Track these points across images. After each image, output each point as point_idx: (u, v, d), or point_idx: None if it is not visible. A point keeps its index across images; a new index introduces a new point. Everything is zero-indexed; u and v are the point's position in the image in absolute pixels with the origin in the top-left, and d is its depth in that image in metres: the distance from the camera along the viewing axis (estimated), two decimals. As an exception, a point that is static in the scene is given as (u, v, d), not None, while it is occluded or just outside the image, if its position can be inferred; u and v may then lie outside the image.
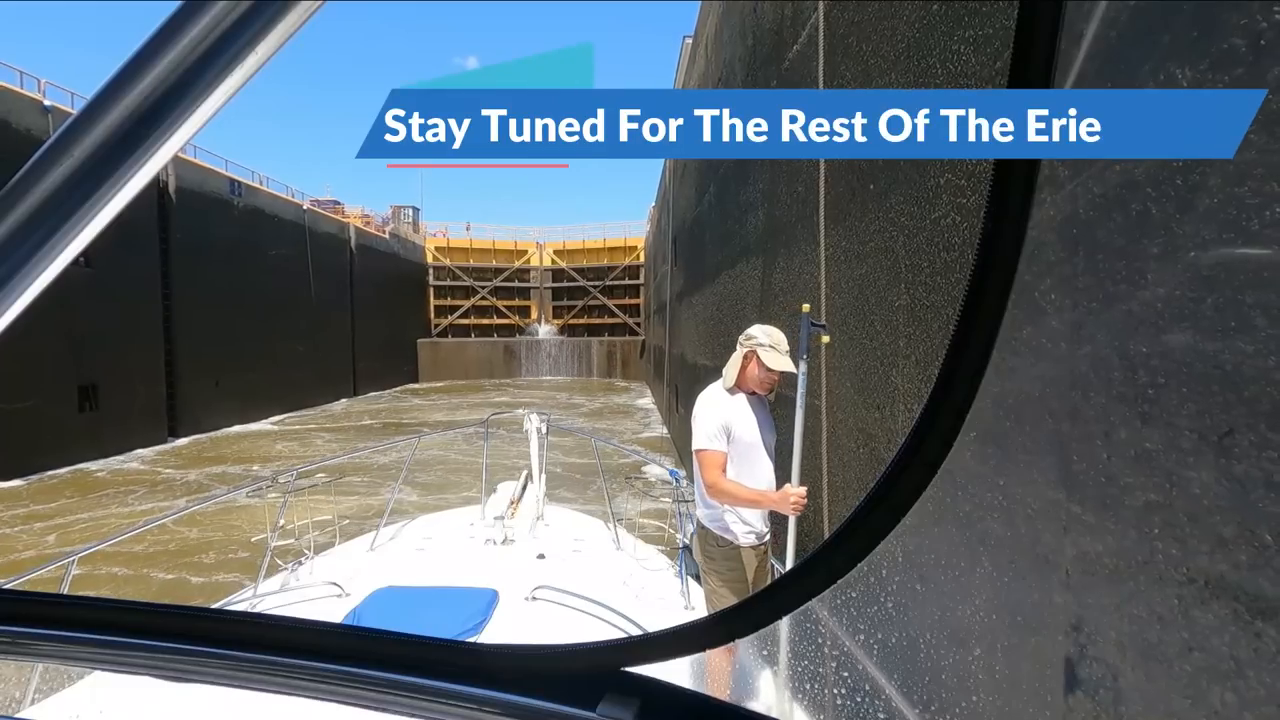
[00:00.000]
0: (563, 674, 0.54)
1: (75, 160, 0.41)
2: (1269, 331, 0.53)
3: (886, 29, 3.40)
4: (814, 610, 2.16)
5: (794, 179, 5.14)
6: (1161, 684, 0.60)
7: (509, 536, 3.90)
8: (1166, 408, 0.59)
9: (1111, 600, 0.65)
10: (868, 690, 1.89)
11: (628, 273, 45.00)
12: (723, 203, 9.28)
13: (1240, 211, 0.57)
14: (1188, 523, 0.58)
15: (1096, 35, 0.57)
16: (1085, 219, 0.66)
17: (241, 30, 0.40)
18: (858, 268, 3.80)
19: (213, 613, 0.62)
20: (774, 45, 5.84)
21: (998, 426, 0.75)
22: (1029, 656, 0.80)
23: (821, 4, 4.38)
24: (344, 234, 33.68)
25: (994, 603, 0.87)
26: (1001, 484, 0.79)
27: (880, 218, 3.46)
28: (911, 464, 0.47)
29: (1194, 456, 0.57)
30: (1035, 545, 0.76)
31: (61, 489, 14.22)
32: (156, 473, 15.92)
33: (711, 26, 10.04)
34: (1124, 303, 0.63)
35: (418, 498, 10.94)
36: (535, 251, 48.13)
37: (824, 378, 4.13)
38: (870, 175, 3.63)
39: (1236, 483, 0.54)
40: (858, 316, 3.75)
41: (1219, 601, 0.56)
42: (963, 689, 1.06)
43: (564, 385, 40.22)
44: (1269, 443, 0.52)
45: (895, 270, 3.30)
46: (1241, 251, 0.56)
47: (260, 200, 26.25)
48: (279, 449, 19.05)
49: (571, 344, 45.83)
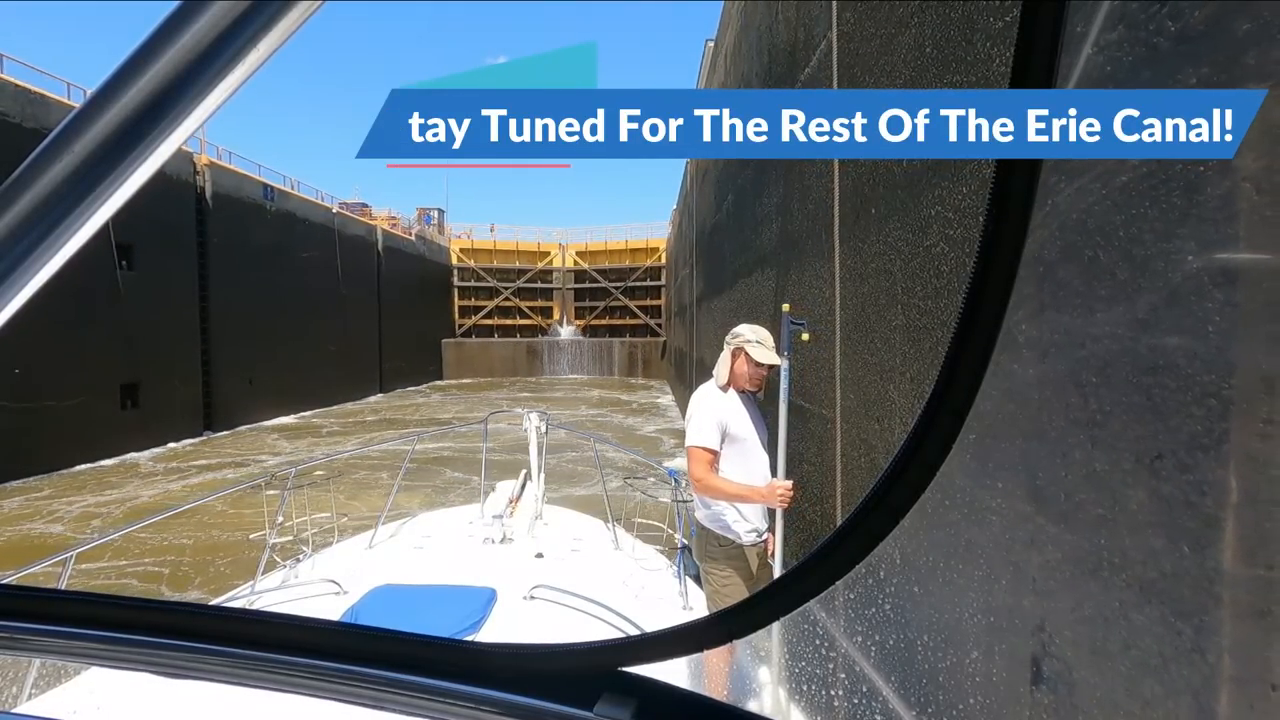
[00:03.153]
0: (560, 673, 0.54)
1: (77, 155, 0.41)
2: (1187, 371, 0.56)
3: (886, 64, 3.62)
4: (812, 612, 2.23)
5: (806, 196, 5.34)
6: (1107, 678, 0.65)
7: (508, 535, 3.91)
8: (1111, 431, 0.62)
9: (1068, 604, 0.69)
10: (865, 691, 1.92)
11: (649, 274, 45.19)
12: (740, 212, 9.48)
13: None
14: (1127, 535, 0.62)
15: (1097, 36, 0.57)
16: (1050, 255, 0.69)
17: (244, 26, 0.40)
18: (860, 286, 4.01)
19: (210, 609, 0.61)
20: (788, 65, 6.04)
21: (986, 438, 0.79)
22: (1021, 660, 0.81)
23: (834, 33, 4.59)
24: (371, 236, 34.34)
25: (988, 607, 0.89)
26: (986, 494, 0.82)
27: (879, 241, 3.67)
28: (909, 468, 0.48)
29: (1133, 477, 0.60)
30: (1010, 553, 0.80)
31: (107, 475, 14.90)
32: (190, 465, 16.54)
33: (730, 38, 10.25)
34: (1079, 344, 0.66)
35: (417, 496, 10.87)
36: (558, 253, 48.53)
37: (838, 389, 4.34)
38: (871, 199, 3.84)
39: (1164, 501, 0.57)
40: (860, 332, 3.97)
41: (1150, 605, 0.60)
42: (959, 691, 1.09)
43: (586, 383, 40.59)
44: (1187, 467, 0.56)
45: (893, 292, 3.51)
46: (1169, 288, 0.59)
47: (292, 204, 26.96)
48: (299, 443, 19.52)
49: (593, 345, 46.04)
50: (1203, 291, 0.56)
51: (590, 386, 37.48)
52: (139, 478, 15.05)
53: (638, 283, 46.03)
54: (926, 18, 3.09)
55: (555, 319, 48.33)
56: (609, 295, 46.95)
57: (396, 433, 18.73)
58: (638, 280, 45.97)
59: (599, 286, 47.27)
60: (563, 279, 48.22)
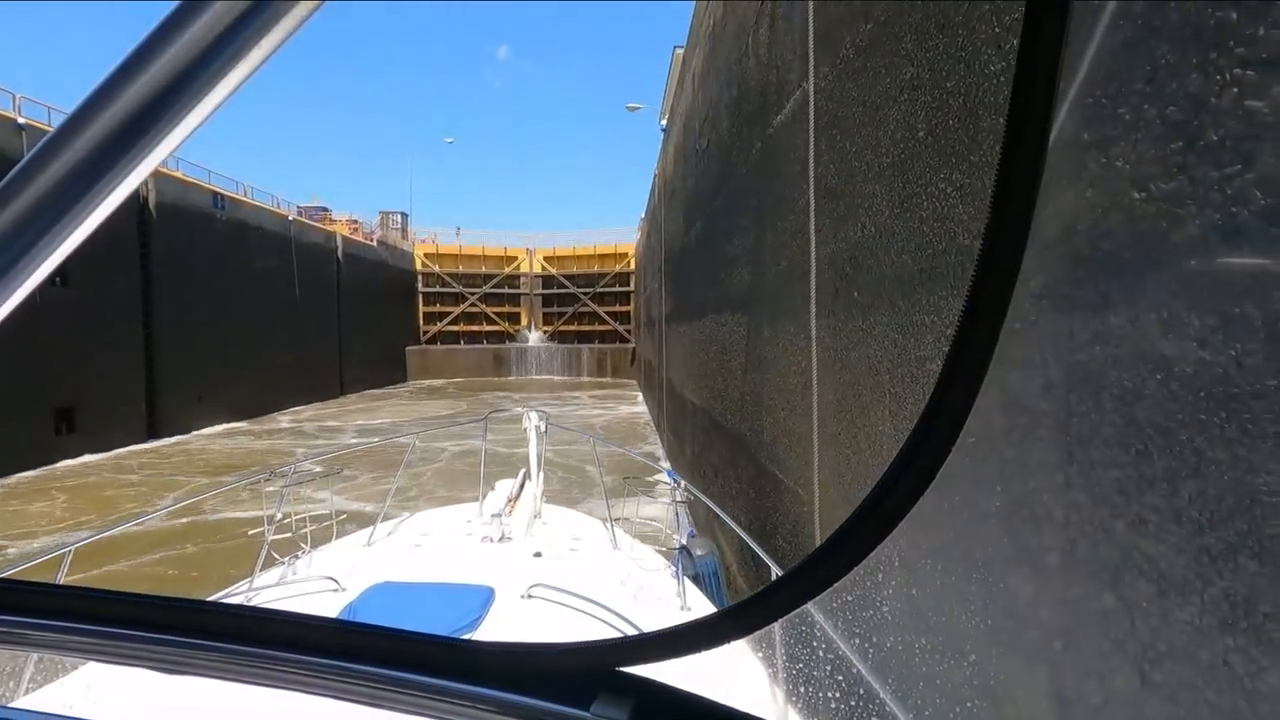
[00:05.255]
0: (557, 673, 0.53)
1: (73, 157, 0.41)
2: (1187, 374, 0.56)
3: (870, 137, 3.26)
4: (811, 614, 2.23)
5: (779, 251, 5.00)
6: (1106, 679, 0.65)
7: (506, 534, 3.90)
8: (1109, 435, 0.64)
9: (1067, 607, 0.70)
10: (862, 694, 1.90)
11: (618, 279, 44.98)
12: (709, 242, 9.15)
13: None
14: (1127, 538, 0.64)
15: (1102, 38, 0.58)
16: (1050, 260, 0.68)
17: (244, 26, 0.39)
18: (842, 375, 3.66)
19: (208, 605, 0.61)
20: (759, 106, 5.69)
21: (984, 442, 0.79)
22: (1019, 663, 0.82)
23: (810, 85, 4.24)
24: (330, 244, 33.42)
25: (987, 610, 0.89)
26: (984, 497, 0.82)
27: (865, 332, 3.33)
28: (907, 471, 0.47)
29: (1131, 480, 0.62)
30: (1008, 556, 0.80)
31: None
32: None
33: (699, 61, 9.89)
34: (1077, 348, 0.66)
35: (416, 494, 10.97)
36: (525, 258, 48.01)
37: (815, 390, 4.03)
38: (854, 280, 3.49)
39: (1164, 503, 0.59)
40: (841, 418, 3.63)
41: (1151, 606, 0.61)
42: (956, 694, 1.08)
43: (558, 383, 41.03)
44: (1188, 468, 0.57)
45: (879, 389, 3.16)
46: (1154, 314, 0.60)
47: (244, 213, 25.97)
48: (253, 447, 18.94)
49: (562, 351, 45.74)
50: (1203, 295, 0.56)
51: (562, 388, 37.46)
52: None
53: (606, 288, 45.72)
54: (918, 95, 2.73)
55: (523, 325, 47.81)
56: (578, 301, 46.57)
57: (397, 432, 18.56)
58: (606, 286, 45.68)
59: (567, 292, 46.86)
60: (530, 284, 47.73)
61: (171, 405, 20.74)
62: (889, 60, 3.00)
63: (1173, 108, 0.58)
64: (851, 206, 3.46)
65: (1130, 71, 0.58)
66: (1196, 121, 0.56)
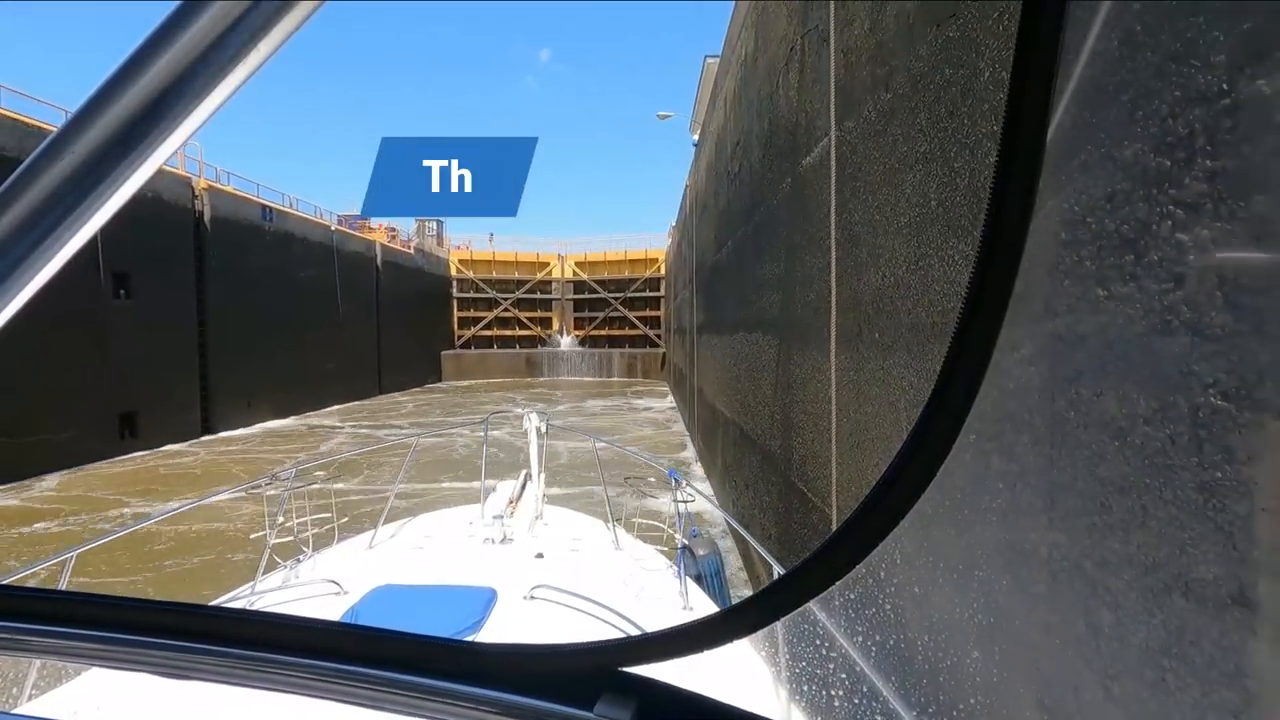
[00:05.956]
0: (560, 673, 0.54)
1: (77, 156, 0.41)
2: (1190, 371, 0.56)
3: (889, 200, 3.58)
4: (812, 612, 2.25)
5: (808, 285, 5.31)
6: (1107, 679, 0.66)
7: (508, 536, 3.88)
8: (1113, 432, 0.64)
9: (1069, 605, 0.70)
10: (865, 692, 1.92)
11: (648, 284, 45.28)
12: (741, 264, 9.45)
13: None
14: (1130, 537, 0.64)
15: (1099, 37, 0.57)
16: (1051, 255, 0.68)
17: (244, 26, 0.40)
18: (864, 406, 3.97)
19: (211, 610, 0.61)
20: (789, 145, 6.01)
21: (986, 439, 0.80)
22: (1022, 661, 0.82)
23: (831, 140, 4.55)
24: (370, 252, 34.38)
25: (988, 607, 0.89)
26: (986, 494, 0.82)
27: (886, 372, 3.63)
28: (909, 468, 0.48)
29: (1135, 478, 0.62)
30: (1010, 553, 0.81)
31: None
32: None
33: (731, 86, 10.22)
34: (1080, 344, 0.67)
35: (417, 496, 10.84)
36: (557, 263, 48.62)
37: (833, 398, 4.31)
38: (875, 322, 3.80)
39: (1167, 503, 0.59)
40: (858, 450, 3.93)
41: (1152, 607, 0.61)
42: (959, 692, 1.09)
43: (588, 383, 41.11)
44: (1191, 468, 0.57)
45: (897, 421, 3.48)
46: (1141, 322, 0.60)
47: (290, 224, 26.99)
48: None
49: (592, 355, 46.17)
50: (1207, 291, 0.55)
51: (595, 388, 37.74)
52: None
53: (637, 293, 46.11)
54: (931, 168, 3.06)
55: (554, 329, 48.38)
56: (608, 305, 47.00)
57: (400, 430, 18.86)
58: (637, 291, 46.06)
59: (598, 297, 47.33)
60: (561, 289, 48.28)
61: (222, 410, 21.70)
62: (906, 131, 3.32)
63: (1172, 108, 0.57)
64: (873, 255, 3.77)
65: (1126, 72, 0.58)
66: (1197, 121, 0.55)
